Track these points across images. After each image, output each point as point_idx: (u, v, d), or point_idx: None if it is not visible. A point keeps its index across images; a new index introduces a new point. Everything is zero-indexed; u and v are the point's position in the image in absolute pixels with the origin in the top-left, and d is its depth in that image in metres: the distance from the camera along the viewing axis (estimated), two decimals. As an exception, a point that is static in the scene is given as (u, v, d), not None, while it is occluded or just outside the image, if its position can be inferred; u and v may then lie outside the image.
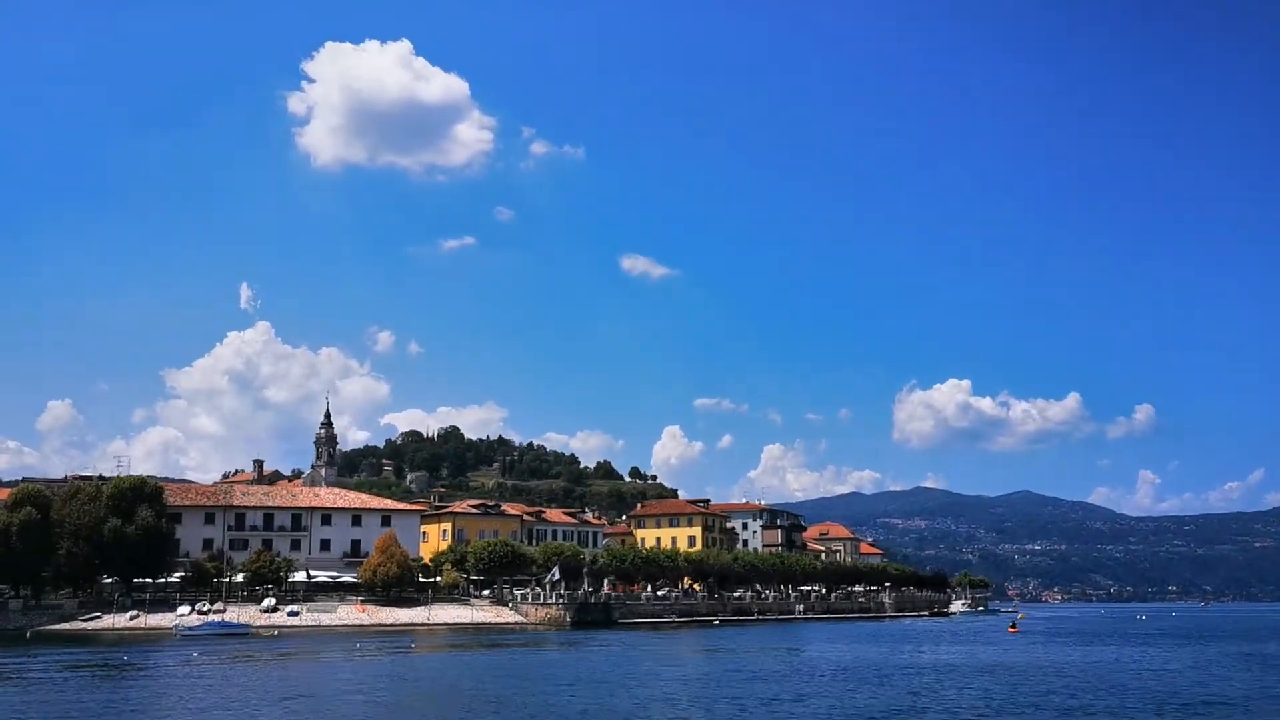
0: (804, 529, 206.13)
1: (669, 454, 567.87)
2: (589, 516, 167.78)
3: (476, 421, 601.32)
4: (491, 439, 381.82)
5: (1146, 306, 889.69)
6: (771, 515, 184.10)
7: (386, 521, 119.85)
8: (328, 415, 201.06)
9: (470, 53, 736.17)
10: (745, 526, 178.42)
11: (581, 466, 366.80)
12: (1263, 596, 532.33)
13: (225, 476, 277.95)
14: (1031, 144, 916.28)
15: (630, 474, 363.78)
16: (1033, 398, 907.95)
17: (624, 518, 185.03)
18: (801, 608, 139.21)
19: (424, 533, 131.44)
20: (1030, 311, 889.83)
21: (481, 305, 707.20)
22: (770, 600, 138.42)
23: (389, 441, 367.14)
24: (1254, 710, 37.27)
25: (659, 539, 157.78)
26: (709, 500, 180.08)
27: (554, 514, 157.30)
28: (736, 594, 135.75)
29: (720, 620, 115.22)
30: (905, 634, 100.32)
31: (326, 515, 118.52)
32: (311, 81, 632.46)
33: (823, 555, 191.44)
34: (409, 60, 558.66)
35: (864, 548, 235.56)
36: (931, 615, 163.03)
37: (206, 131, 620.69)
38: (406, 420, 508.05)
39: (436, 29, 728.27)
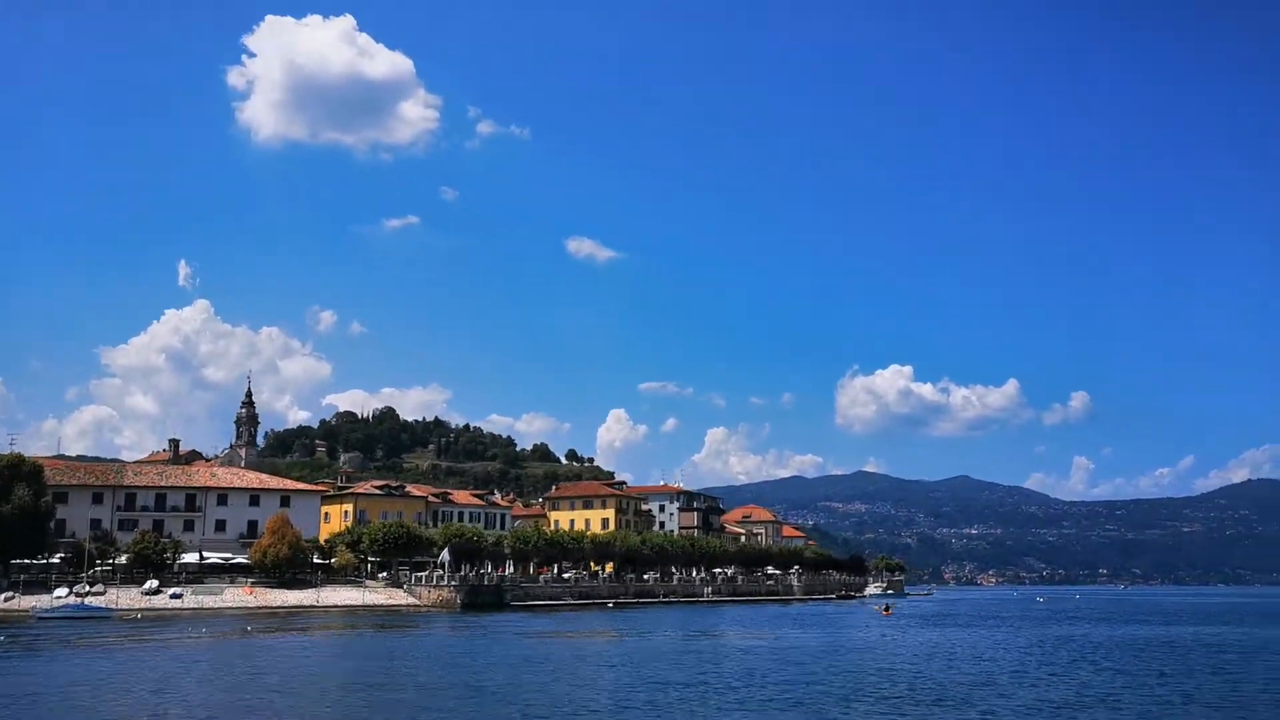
0: (723, 511, 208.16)
1: (613, 437, 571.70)
2: (498, 498, 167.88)
3: (420, 403, 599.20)
4: (428, 420, 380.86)
5: (1084, 296, 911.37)
6: (688, 498, 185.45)
7: (286, 502, 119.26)
8: (249, 394, 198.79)
9: (415, 30, 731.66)
10: (662, 509, 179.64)
11: (518, 449, 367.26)
12: (1190, 580, 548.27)
13: (152, 455, 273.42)
14: (972, 138, 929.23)
15: (568, 456, 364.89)
16: (972, 384, 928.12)
17: (539, 500, 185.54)
18: (709, 590, 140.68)
19: (326, 514, 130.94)
20: (971, 300, 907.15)
21: (425, 285, 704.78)
22: (676, 583, 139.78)
23: (324, 422, 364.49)
24: (937, 700, 35.75)
25: (572, 521, 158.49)
26: (624, 482, 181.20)
27: (462, 496, 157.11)
28: (645, 576, 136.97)
29: (615, 603, 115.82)
30: (776, 618, 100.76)
31: (222, 495, 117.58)
32: (252, 56, 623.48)
33: (742, 538, 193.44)
34: (352, 36, 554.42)
35: (786, 530, 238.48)
36: (840, 598, 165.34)
37: (144, 105, 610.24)
38: (348, 401, 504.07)
39: (380, 5, 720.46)
